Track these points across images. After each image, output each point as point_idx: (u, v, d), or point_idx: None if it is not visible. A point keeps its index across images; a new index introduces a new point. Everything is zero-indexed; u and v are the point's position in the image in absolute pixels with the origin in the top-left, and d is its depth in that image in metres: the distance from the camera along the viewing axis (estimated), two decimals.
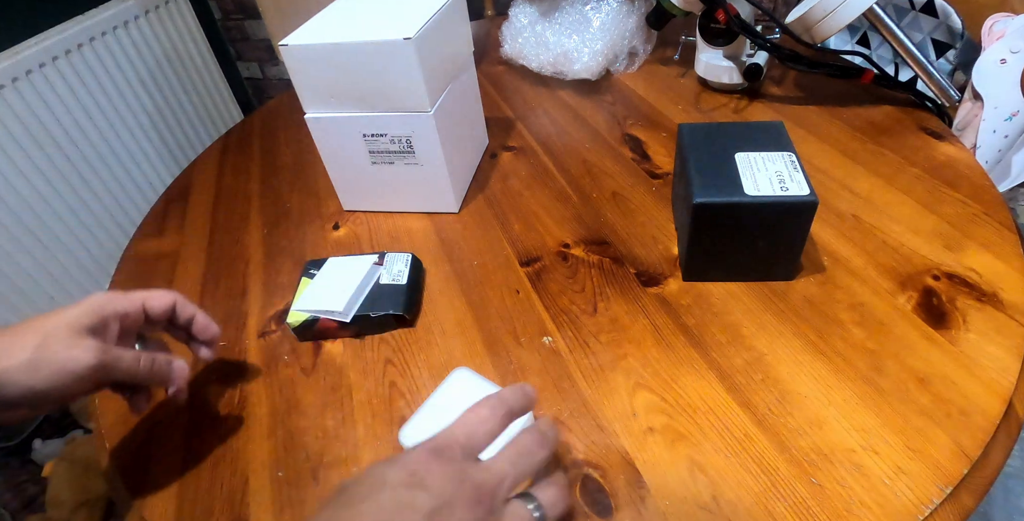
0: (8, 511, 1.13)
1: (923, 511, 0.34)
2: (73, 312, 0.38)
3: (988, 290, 0.46)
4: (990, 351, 0.42)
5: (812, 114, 0.69)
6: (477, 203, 0.64)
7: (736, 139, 0.49)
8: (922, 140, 0.63)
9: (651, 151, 0.68)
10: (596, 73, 0.82)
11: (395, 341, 0.50)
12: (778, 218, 0.45)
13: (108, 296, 0.40)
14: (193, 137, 1.62)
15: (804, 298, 0.48)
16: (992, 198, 0.54)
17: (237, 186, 0.74)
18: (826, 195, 0.57)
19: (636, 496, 0.37)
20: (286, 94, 0.93)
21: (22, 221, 1.20)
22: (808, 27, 0.65)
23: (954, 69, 0.84)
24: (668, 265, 0.53)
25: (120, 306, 0.40)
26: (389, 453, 0.42)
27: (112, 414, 0.48)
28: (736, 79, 0.73)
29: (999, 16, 0.74)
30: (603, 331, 0.48)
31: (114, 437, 0.46)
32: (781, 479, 0.37)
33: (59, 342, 0.36)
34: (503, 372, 0.46)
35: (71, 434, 1.25)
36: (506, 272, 0.55)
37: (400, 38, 0.50)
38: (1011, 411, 0.39)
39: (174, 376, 0.42)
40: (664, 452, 0.39)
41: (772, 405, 0.41)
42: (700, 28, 0.73)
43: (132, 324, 0.42)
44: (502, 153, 0.72)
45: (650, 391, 0.43)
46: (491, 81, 0.88)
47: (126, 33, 1.40)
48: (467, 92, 0.65)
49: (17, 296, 1.22)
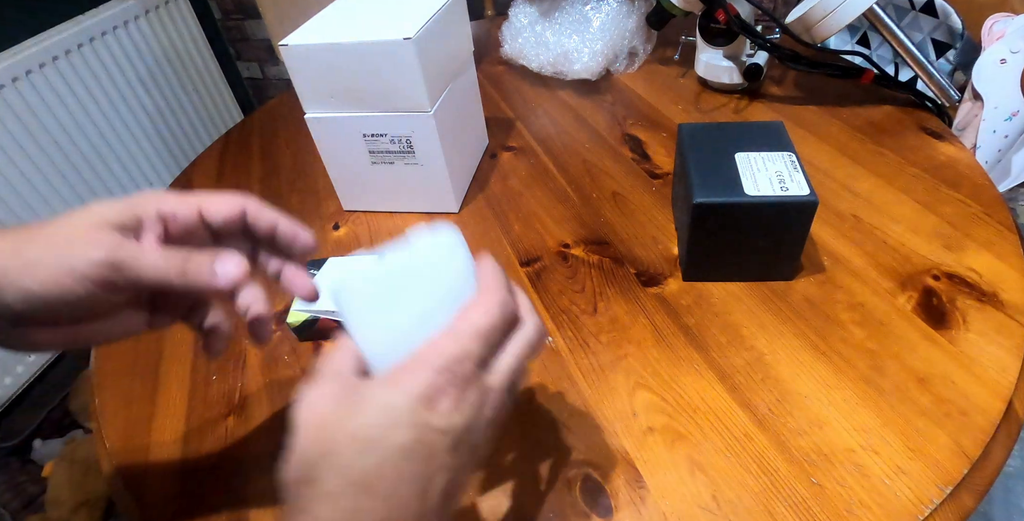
0: (8, 511, 1.13)
1: (923, 511, 0.34)
2: (104, 206, 0.30)
3: (988, 290, 0.46)
4: (990, 351, 0.42)
5: (812, 114, 0.69)
6: (477, 203, 0.64)
7: (736, 139, 0.49)
8: (922, 140, 0.63)
9: (651, 151, 0.68)
10: (596, 73, 0.82)
11: None
12: (778, 218, 0.45)
13: (155, 193, 0.32)
14: (193, 137, 1.62)
15: (804, 298, 0.48)
16: (992, 198, 0.54)
17: (237, 186, 0.74)
18: (826, 195, 0.57)
19: (636, 496, 0.37)
20: (286, 94, 0.93)
21: (22, 221, 1.20)
22: (808, 27, 0.65)
23: (954, 69, 0.84)
24: (668, 265, 0.53)
25: (167, 205, 0.32)
26: None
27: (112, 414, 0.48)
28: (736, 79, 0.73)
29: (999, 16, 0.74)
30: (603, 331, 0.48)
31: (114, 437, 0.46)
32: (781, 479, 0.37)
33: (70, 237, 0.29)
34: None
35: (71, 434, 1.25)
36: (506, 272, 0.55)
37: (400, 38, 0.50)
38: (1011, 411, 0.39)
39: (221, 277, 0.30)
40: (664, 452, 0.39)
41: (772, 405, 0.41)
42: (700, 28, 0.73)
43: (183, 230, 0.33)
44: (502, 153, 0.72)
45: (650, 391, 0.43)
46: (491, 81, 0.88)
47: (126, 33, 1.40)
48: (467, 92, 0.65)
49: None
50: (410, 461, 0.24)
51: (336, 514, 0.23)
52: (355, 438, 0.24)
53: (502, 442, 0.41)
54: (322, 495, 0.23)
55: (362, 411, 0.24)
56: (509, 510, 0.37)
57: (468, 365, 0.26)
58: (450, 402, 0.25)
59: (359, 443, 0.24)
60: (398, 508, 0.23)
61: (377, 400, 0.25)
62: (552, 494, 0.38)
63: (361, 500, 0.23)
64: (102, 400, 0.50)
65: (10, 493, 1.16)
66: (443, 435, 0.24)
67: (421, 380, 0.25)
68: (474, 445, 0.26)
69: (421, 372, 0.25)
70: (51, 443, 1.23)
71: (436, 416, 0.24)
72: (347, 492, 0.23)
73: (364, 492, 0.23)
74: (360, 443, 0.24)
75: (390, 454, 0.23)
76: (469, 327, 0.27)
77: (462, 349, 0.26)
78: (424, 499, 0.24)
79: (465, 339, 0.26)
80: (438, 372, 0.25)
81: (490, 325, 0.27)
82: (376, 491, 0.23)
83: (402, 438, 0.24)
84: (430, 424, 0.24)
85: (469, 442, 0.26)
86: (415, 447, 0.24)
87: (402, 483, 0.23)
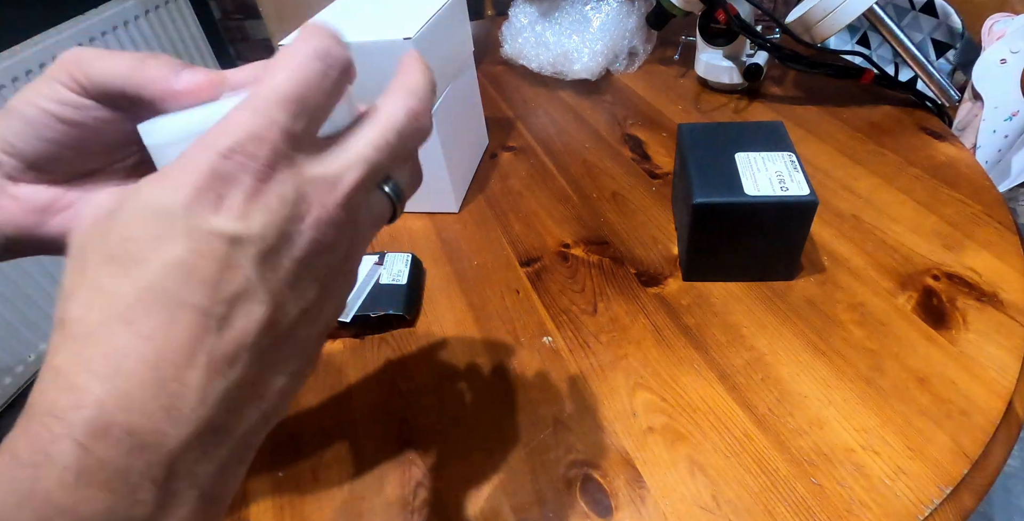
0: None
1: (923, 511, 0.34)
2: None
3: (988, 290, 0.46)
4: (990, 351, 0.42)
5: (812, 114, 0.69)
6: (477, 203, 0.64)
7: (736, 139, 0.49)
8: (922, 140, 0.63)
9: (651, 151, 0.68)
10: (596, 73, 0.82)
11: (395, 341, 0.50)
12: (778, 218, 0.45)
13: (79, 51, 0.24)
14: None
15: (804, 298, 0.48)
16: (992, 198, 0.54)
17: None
18: (826, 195, 0.57)
19: (636, 496, 0.37)
20: None
21: None
22: (808, 27, 0.65)
23: (954, 69, 0.84)
24: (668, 265, 0.53)
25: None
26: (390, 456, 0.42)
27: None
28: (736, 79, 0.73)
29: (999, 16, 0.74)
30: (603, 331, 0.48)
31: None
32: (781, 479, 0.37)
33: (22, 99, 0.23)
34: (503, 372, 0.46)
35: None
36: (506, 272, 0.55)
37: (400, 38, 0.50)
38: (1011, 411, 0.39)
39: (182, 79, 0.22)
40: (664, 452, 0.39)
41: (772, 405, 0.41)
42: (700, 28, 0.73)
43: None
44: (502, 153, 0.72)
45: (650, 391, 0.43)
46: (491, 81, 0.88)
47: (126, 33, 1.40)
48: (467, 92, 0.65)
49: (18, 296, 1.22)
50: (187, 283, 0.17)
51: (90, 363, 0.16)
52: (111, 259, 0.17)
53: (502, 442, 0.41)
54: (75, 336, 0.17)
55: (120, 221, 0.17)
56: (509, 510, 0.37)
57: (271, 144, 0.18)
58: (242, 196, 0.18)
59: (115, 266, 0.17)
60: (175, 352, 0.17)
61: (140, 203, 0.17)
62: (552, 494, 0.38)
63: (119, 340, 0.17)
64: None
65: None
66: (235, 245, 0.17)
67: (198, 169, 0.17)
68: (310, 266, 0.19)
69: (199, 158, 0.17)
70: None
71: (221, 217, 0.17)
72: (101, 332, 0.17)
73: (125, 329, 0.17)
74: (117, 265, 0.17)
75: (156, 275, 0.17)
76: (270, 91, 0.18)
77: (262, 121, 0.18)
78: (219, 338, 0.17)
79: (265, 106, 0.18)
80: (223, 155, 0.17)
81: (304, 82, 0.19)
82: (140, 327, 0.17)
83: (173, 252, 0.17)
84: (213, 228, 0.17)
85: (296, 259, 0.19)
86: (194, 262, 0.17)
87: (180, 313, 0.17)
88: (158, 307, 0.17)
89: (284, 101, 0.18)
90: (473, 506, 0.38)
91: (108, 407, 0.16)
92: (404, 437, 0.42)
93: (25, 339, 1.26)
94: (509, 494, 0.38)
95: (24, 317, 1.24)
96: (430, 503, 0.38)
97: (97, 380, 0.16)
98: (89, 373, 0.16)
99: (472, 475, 0.39)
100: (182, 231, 0.17)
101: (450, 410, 0.44)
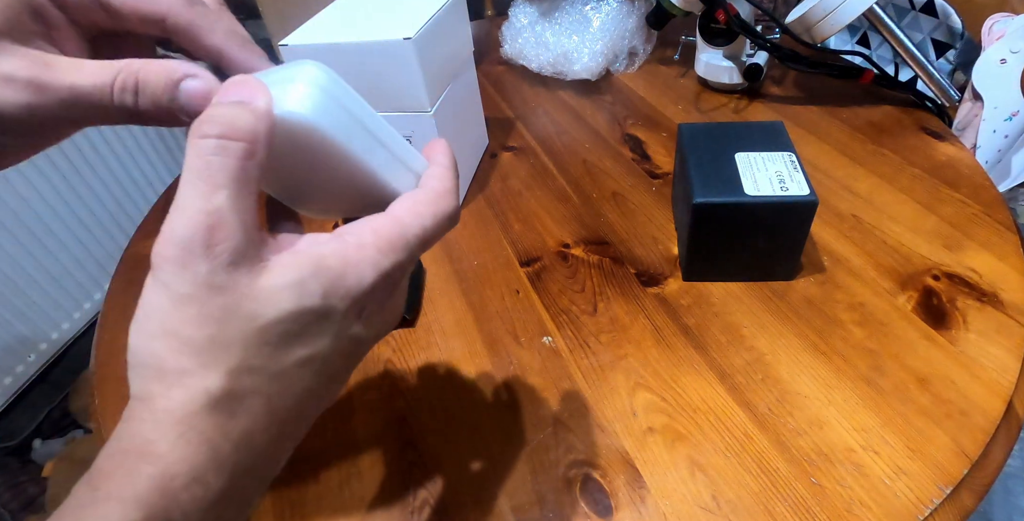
0: (8, 511, 1.13)
1: (923, 511, 0.34)
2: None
3: (988, 290, 0.46)
4: (990, 351, 0.42)
5: (812, 114, 0.69)
6: (477, 203, 0.64)
7: (736, 139, 0.49)
8: (922, 140, 0.63)
9: (651, 151, 0.68)
10: (596, 73, 0.82)
11: (395, 341, 0.50)
12: (778, 218, 0.45)
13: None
14: None
15: (804, 298, 0.48)
16: (992, 198, 0.54)
17: None
18: (826, 195, 0.57)
19: (636, 496, 0.37)
20: None
21: (22, 221, 1.20)
22: (808, 27, 0.65)
23: (954, 69, 0.84)
24: (668, 265, 0.53)
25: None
26: (390, 456, 0.42)
27: (112, 414, 0.48)
28: (736, 79, 0.73)
29: (999, 16, 0.75)
30: (603, 331, 0.48)
31: None
32: (781, 479, 0.37)
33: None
34: (503, 372, 0.46)
35: (71, 434, 1.25)
36: (506, 272, 0.55)
37: (400, 38, 0.50)
38: (1011, 411, 0.39)
39: (184, 93, 0.21)
40: (664, 452, 0.39)
41: (772, 405, 0.41)
42: (700, 28, 0.73)
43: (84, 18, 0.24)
44: (502, 153, 0.72)
45: (650, 391, 0.43)
46: (491, 81, 0.88)
47: None
48: (467, 92, 0.65)
49: (17, 296, 1.22)
50: (319, 375, 0.19)
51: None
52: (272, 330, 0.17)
53: (502, 442, 0.41)
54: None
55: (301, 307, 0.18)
56: (508, 510, 0.37)
57: (401, 273, 0.19)
58: (374, 311, 0.19)
59: (273, 333, 0.17)
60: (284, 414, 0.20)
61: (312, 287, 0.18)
62: (552, 494, 0.38)
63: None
64: (102, 400, 0.50)
65: (10, 493, 1.16)
66: (356, 348, 0.19)
67: (362, 278, 0.18)
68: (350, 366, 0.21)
69: (365, 268, 0.18)
70: (51, 443, 1.23)
71: (361, 326, 0.19)
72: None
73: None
74: (275, 333, 0.17)
75: (315, 347, 0.18)
76: (419, 229, 0.20)
77: (406, 251, 0.19)
78: (300, 421, 0.20)
79: (410, 239, 0.20)
80: (380, 274, 0.18)
81: (433, 235, 0.21)
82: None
83: (326, 348, 0.18)
84: (353, 335, 0.19)
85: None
86: (343, 346, 0.18)
87: (308, 400, 0.19)
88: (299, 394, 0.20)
89: (419, 242, 0.20)
90: (473, 506, 0.38)
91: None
92: (404, 437, 0.42)
93: (25, 339, 1.26)
94: (509, 494, 0.38)
95: (24, 317, 1.24)
96: (430, 503, 0.38)
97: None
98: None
99: (472, 475, 0.39)
100: (339, 323, 0.19)
101: (450, 410, 0.44)
